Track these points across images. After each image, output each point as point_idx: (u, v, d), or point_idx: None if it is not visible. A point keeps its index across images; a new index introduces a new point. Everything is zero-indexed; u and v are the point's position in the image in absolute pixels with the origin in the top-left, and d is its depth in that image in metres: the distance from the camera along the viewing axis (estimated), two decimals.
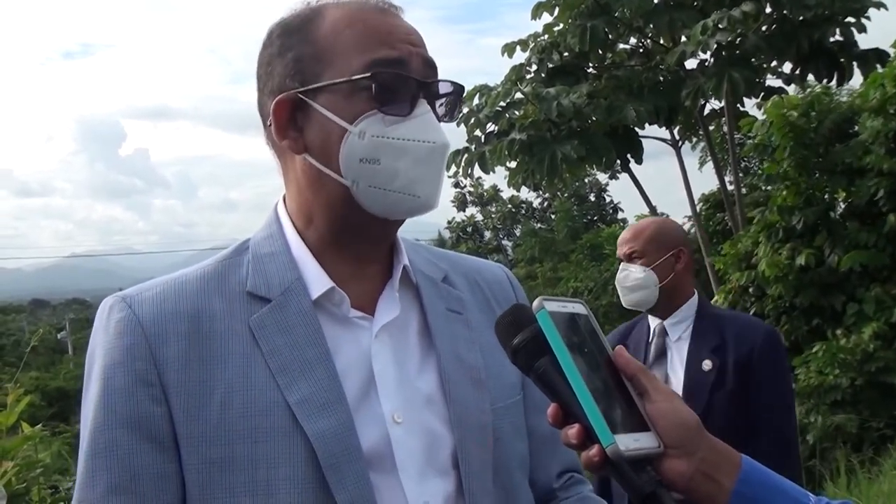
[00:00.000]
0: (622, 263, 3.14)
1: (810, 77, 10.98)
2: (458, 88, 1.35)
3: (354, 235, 1.32)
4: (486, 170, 11.08)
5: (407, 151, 1.25)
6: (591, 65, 11.92)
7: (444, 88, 1.33)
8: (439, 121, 1.31)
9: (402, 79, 1.26)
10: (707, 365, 2.96)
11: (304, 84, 1.28)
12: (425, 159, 1.26)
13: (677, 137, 13.58)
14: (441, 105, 1.33)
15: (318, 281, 1.30)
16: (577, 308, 1.13)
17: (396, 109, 1.26)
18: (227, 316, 1.26)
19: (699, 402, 2.86)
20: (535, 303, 1.08)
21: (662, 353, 3.04)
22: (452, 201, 36.03)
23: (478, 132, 11.17)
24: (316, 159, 1.29)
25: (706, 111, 12.52)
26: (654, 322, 3.13)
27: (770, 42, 10.29)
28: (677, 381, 2.98)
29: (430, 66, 1.31)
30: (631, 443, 1.02)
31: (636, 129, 11.41)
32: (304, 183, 1.32)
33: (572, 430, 1.05)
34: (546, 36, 11.50)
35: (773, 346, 3.02)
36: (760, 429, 2.89)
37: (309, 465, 1.20)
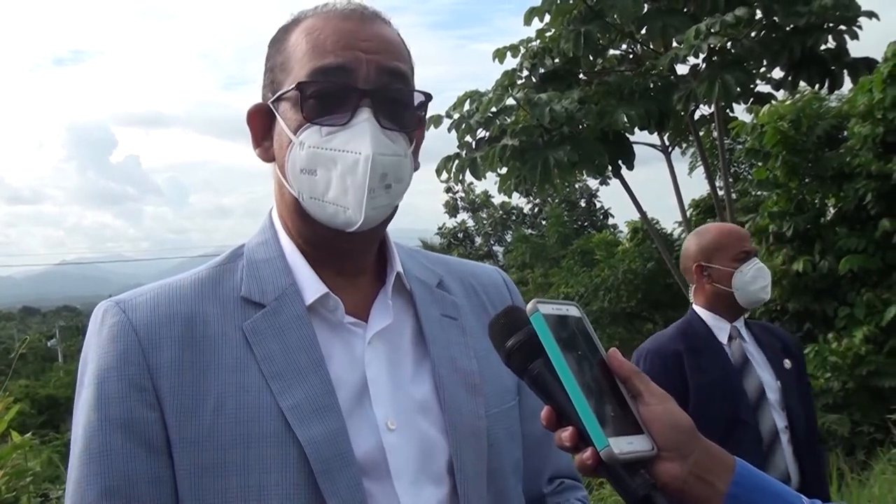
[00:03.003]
0: (755, 259, 3.15)
1: (801, 83, 11.02)
2: (425, 97, 1.33)
3: (324, 247, 1.32)
4: (477, 176, 11.07)
5: (337, 162, 1.24)
6: (582, 70, 11.94)
7: (417, 96, 1.31)
8: (396, 130, 1.28)
9: (338, 87, 1.25)
10: (787, 364, 3.10)
11: (274, 94, 1.30)
12: (351, 170, 1.24)
13: (667, 143, 13.61)
14: (409, 113, 1.31)
15: (312, 287, 1.30)
16: (572, 311, 1.13)
17: (334, 119, 1.25)
18: (221, 321, 1.26)
19: (793, 399, 3.05)
20: (530, 305, 1.08)
21: (744, 355, 3.09)
22: (444, 207, 36.04)
23: (468, 138, 11.17)
24: (278, 169, 1.31)
25: (696, 116, 12.55)
26: (719, 323, 3.13)
27: (763, 46, 10.33)
28: (771, 380, 3.06)
29: (389, 73, 1.28)
30: (625, 446, 1.02)
31: (627, 134, 11.43)
32: (276, 192, 1.35)
33: (566, 433, 1.05)
34: (538, 41, 11.51)
35: None
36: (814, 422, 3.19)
37: (301, 471, 1.19)
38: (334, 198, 1.25)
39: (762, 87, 11.52)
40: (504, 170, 11.04)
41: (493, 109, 10.95)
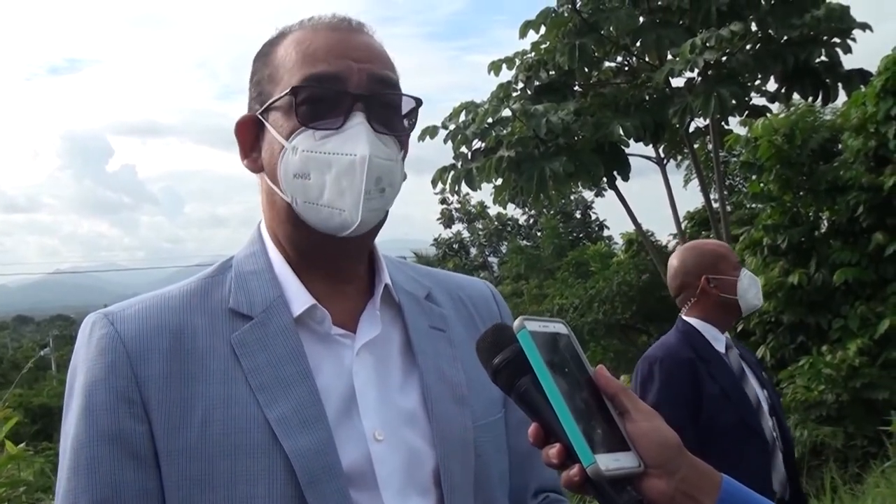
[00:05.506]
0: (743, 268, 3.24)
1: (795, 96, 11.06)
2: (416, 102, 1.35)
3: (315, 254, 1.33)
4: (472, 187, 11.10)
5: (331, 165, 1.26)
6: (577, 82, 11.98)
7: (406, 103, 1.34)
8: (388, 134, 1.30)
9: (332, 92, 1.27)
10: (765, 375, 3.19)
11: (262, 105, 1.32)
12: (346, 172, 1.26)
13: (662, 155, 13.64)
14: (403, 118, 1.34)
15: (299, 298, 1.31)
16: (558, 328, 1.13)
17: (327, 123, 1.27)
18: (209, 333, 1.27)
19: (779, 407, 3.14)
20: (516, 322, 1.08)
21: (741, 365, 3.14)
22: (439, 218, 36.04)
23: (464, 149, 11.20)
24: (268, 177, 1.32)
25: (691, 129, 12.58)
26: (715, 334, 3.17)
27: (757, 60, 10.37)
28: (759, 390, 3.12)
29: (380, 80, 1.30)
30: (611, 462, 1.02)
31: (622, 146, 11.46)
32: (265, 201, 1.36)
33: (553, 450, 1.05)
34: (533, 53, 11.55)
35: None
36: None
37: (288, 482, 1.19)
38: (329, 200, 1.26)
39: (757, 100, 11.58)
40: (500, 181, 11.06)
41: (489, 120, 10.98)
